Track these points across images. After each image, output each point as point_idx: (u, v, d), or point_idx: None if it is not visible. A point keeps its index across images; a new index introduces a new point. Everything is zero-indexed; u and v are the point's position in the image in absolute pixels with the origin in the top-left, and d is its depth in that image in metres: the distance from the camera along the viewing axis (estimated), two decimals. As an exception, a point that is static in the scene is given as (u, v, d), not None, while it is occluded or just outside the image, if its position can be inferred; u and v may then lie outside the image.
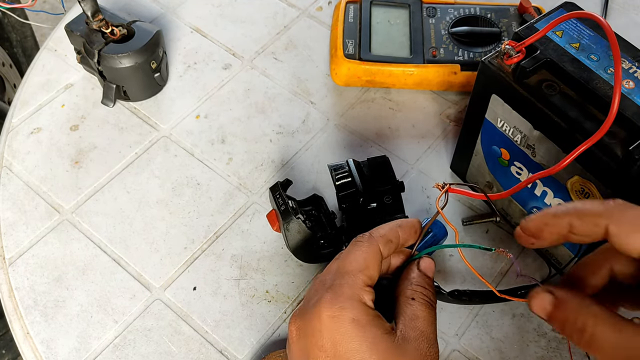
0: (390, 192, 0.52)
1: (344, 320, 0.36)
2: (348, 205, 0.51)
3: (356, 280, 0.38)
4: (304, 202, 0.56)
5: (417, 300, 0.39)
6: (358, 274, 0.38)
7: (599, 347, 0.32)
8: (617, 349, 0.32)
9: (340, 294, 0.37)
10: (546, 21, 0.48)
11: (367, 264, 0.39)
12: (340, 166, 0.53)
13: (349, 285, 0.38)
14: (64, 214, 0.60)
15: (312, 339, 0.37)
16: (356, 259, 0.39)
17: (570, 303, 0.34)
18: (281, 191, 0.53)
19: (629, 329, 0.32)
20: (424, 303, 0.39)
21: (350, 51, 0.66)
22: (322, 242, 0.53)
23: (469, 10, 0.70)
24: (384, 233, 0.41)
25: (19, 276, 0.56)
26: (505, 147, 0.52)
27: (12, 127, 0.66)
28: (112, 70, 0.64)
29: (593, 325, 0.32)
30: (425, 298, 0.40)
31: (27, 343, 0.53)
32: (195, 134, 0.66)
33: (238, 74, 0.70)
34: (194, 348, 0.53)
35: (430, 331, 0.38)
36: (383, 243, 0.40)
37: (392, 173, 0.53)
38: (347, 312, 0.36)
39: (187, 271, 0.57)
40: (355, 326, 0.36)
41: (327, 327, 0.36)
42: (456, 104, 0.68)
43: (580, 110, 0.45)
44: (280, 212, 0.52)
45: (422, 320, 0.39)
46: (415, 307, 0.39)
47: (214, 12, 0.76)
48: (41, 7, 1.46)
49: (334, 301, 0.37)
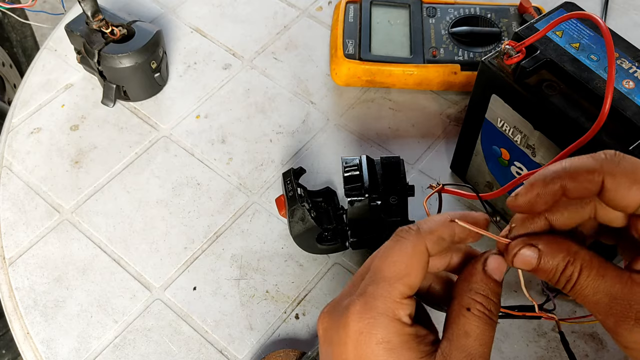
0: (397, 194, 0.52)
1: (372, 340, 0.32)
2: (352, 199, 0.52)
3: (392, 292, 0.32)
4: (316, 193, 0.57)
5: (473, 312, 0.32)
6: (396, 283, 0.32)
7: (581, 292, 0.30)
8: (598, 294, 0.30)
9: (371, 306, 0.32)
10: (546, 21, 0.48)
11: (409, 270, 0.32)
12: (352, 159, 0.53)
13: (383, 298, 0.32)
14: (64, 214, 0.60)
15: (337, 349, 0.33)
16: (395, 263, 0.33)
17: (557, 253, 0.31)
18: (292, 178, 0.54)
19: (613, 274, 0.30)
20: (481, 317, 0.32)
21: (350, 51, 0.66)
22: (326, 234, 0.53)
23: (469, 10, 0.70)
24: (435, 228, 0.34)
25: (19, 276, 0.56)
26: (505, 147, 0.52)
27: (12, 127, 0.66)
28: (112, 70, 0.64)
29: (579, 273, 0.31)
30: (484, 311, 0.33)
31: (27, 343, 0.53)
32: (195, 134, 0.66)
33: (238, 74, 0.70)
34: (194, 348, 0.53)
35: (481, 354, 0.32)
36: (432, 242, 0.33)
37: (402, 175, 0.53)
38: (376, 330, 0.32)
39: (187, 271, 0.57)
40: (383, 349, 0.31)
41: (353, 342, 0.32)
42: (456, 104, 0.68)
43: (580, 110, 0.45)
44: (287, 198, 0.53)
45: (473, 340, 0.32)
46: (470, 320, 0.32)
47: (214, 12, 0.76)
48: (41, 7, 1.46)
49: (364, 314, 0.32)
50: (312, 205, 0.53)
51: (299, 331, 0.53)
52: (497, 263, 0.33)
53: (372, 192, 0.51)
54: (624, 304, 0.29)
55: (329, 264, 0.57)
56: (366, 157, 0.53)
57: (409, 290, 0.33)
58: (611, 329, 0.30)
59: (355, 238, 0.53)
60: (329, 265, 0.57)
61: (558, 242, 0.32)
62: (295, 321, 0.54)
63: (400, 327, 0.32)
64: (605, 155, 0.31)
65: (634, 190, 0.30)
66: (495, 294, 0.33)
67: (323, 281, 0.56)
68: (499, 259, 0.33)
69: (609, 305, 0.30)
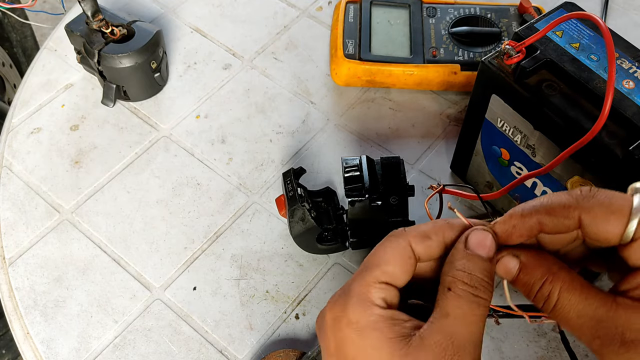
0: (398, 194, 0.52)
1: (343, 322, 0.32)
2: (353, 199, 0.52)
3: (366, 277, 0.32)
4: (316, 193, 0.57)
5: (454, 292, 0.31)
6: (372, 269, 0.32)
7: (564, 315, 0.30)
8: (582, 317, 0.30)
9: (347, 292, 0.32)
10: (546, 21, 0.48)
11: (387, 258, 0.33)
12: (352, 160, 0.53)
13: (357, 282, 0.32)
14: (64, 214, 0.60)
15: (321, 338, 0.34)
16: (377, 254, 0.33)
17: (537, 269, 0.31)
18: (292, 178, 0.54)
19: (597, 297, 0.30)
20: (462, 296, 0.31)
21: (350, 51, 0.66)
22: (326, 234, 0.54)
23: (469, 10, 0.70)
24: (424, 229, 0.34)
25: (19, 276, 0.56)
26: (505, 147, 0.52)
27: (12, 127, 0.66)
28: (112, 70, 0.64)
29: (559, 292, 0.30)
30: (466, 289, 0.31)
31: (27, 343, 0.53)
32: (195, 134, 0.66)
33: (238, 74, 0.70)
34: (194, 348, 0.53)
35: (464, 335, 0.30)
36: (417, 238, 0.33)
37: (402, 175, 0.53)
38: (347, 312, 0.32)
39: (187, 271, 0.57)
40: (353, 330, 0.31)
41: (330, 329, 0.32)
42: (456, 104, 0.68)
43: (580, 110, 0.45)
44: (288, 198, 0.53)
45: (454, 319, 0.31)
46: (450, 301, 0.31)
47: (214, 12, 0.76)
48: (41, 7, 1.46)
49: (339, 300, 0.32)
50: (312, 205, 0.54)
51: (299, 331, 0.53)
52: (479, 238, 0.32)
53: (373, 193, 0.51)
54: (609, 327, 0.29)
55: (329, 264, 0.57)
56: (366, 157, 0.53)
57: (384, 277, 0.32)
58: (597, 351, 0.30)
59: (356, 238, 0.53)
60: (329, 265, 0.57)
61: (540, 259, 0.32)
62: (295, 321, 0.54)
63: (370, 308, 0.31)
64: (581, 192, 0.31)
65: (611, 224, 0.30)
66: (481, 270, 0.31)
67: (323, 281, 0.56)
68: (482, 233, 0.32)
69: (594, 329, 0.29)
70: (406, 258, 0.33)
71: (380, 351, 0.30)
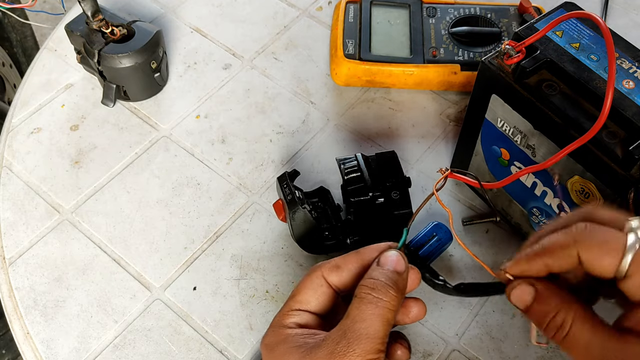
0: (397, 187, 0.52)
1: (262, 346, 0.37)
2: (356, 199, 0.52)
3: (284, 307, 0.38)
4: (310, 193, 0.57)
5: (357, 296, 0.35)
6: (289, 300, 0.39)
7: (574, 345, 0.32)
8: (590, 348, 0.32)
9: (271, 323, 0.38)
10: (546, 21, 0.48)
11: (300, 288, 0.38)
12: (349, 160, 0.53)
13: (278, 313, 0.39)
14: (64, 214, 0.60)
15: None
16: (296, 287, 0.39)
17: (552, 298, 0.33)
18: (288, 181, 0.54)
19: (604, 331, 0.32)
20: (362, 298, 0.35)
21: (350, 51, 0.66)
22: (327, 233, 0.54)
23: (469, 10, 0.70)
24: (336, 261, 0.39)
25: (19, 276, 0.56)
26: (505, 147, 0.52)
27: (12, 127, 0.66)
28: (112, 70, 0.64)
29: (572, 322, 0.32)
30: (367, 292, 0.35)
31: (27, 343, 0.53)
32: (195, 134, 0.66)
33: (238, 74, 0.70)
34: (194, 348, 0.53)
35: (357, 330, 0.34)
36: (328, 270, 0.38)
37: (399, 168, 0.53)
38: (265, 339, 0.38)
39: (187, 271, 0.57)
40: (265, 350, 0.37)
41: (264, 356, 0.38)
42: (456, 104, 0.68)
43: (580, 110, 0.45)
44: (286, 201, 0.53)
45: (350, 319, 0.35)
46: (352, 304, 0.35)
47: (214, 12, 0.76)
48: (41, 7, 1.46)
49: (267, 330, 0.38)
50: (311, 206, 0.53)
51: (299, 331, 0.53)
52: (389, 255, 0.37)
53: (375, 190, 0.52)
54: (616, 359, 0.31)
55: (329, 264, 0.57)
56: (362, 156, 0.53)
57: (296, 305, 0.38)
58: None
59: (358, 236, 0.53)
60: (329, 265, 0.57)
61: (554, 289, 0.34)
62: (295, 321, 0.54)
63: (281, 331, 0.37)
64: (577, 229, 0.33)
65: (607, 260, 0.31)
66: (385, 277, 0.36)
67: (323, 281, 0.56)
68: (392, 252, 0.38)
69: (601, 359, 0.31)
70: (317, 287, 0.38)
71: (288, 357, 0.35)
